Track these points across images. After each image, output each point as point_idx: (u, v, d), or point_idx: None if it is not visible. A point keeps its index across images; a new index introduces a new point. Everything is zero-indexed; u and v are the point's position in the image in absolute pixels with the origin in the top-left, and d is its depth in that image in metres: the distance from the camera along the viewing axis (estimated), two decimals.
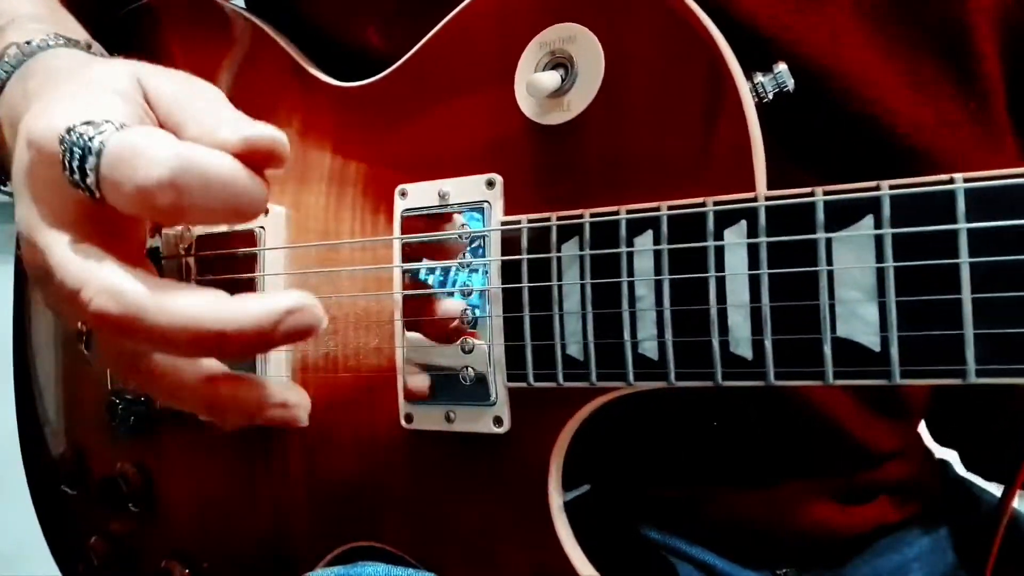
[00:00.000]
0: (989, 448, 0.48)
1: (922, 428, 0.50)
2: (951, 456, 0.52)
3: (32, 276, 0.31)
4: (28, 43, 0.36)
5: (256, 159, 0.26)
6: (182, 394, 0.30)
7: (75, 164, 0.26)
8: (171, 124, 0.29)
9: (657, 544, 0.41)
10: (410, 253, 0.36)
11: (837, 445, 0.41)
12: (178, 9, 0.47)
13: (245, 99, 0.44)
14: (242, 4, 0.47)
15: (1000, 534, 0.38)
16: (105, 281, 0.26)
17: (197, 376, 0.30)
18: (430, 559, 0.36)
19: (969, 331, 0.24)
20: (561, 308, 0.32)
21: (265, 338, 0.26)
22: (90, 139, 0.25)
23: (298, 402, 0.31)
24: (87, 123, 0.26)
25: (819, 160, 0.35)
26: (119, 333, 0.26)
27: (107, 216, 0.27)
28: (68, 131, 0.26)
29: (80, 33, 0.41)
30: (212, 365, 0.30)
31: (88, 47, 0.38)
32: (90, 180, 0.25)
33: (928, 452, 0.50)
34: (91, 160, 0.25)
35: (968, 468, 0.50)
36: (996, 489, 0.48)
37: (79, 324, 0.31)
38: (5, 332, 0.53)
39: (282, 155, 0.27)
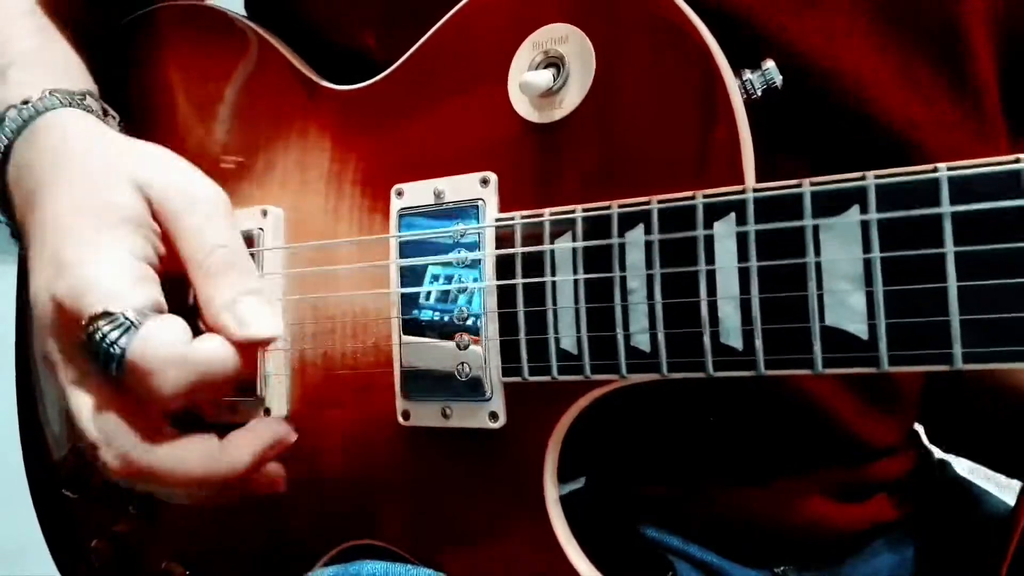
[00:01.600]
0: (990, 440, 0.48)
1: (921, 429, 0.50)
2: (951, 456, 0.52)
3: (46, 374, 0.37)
4: (25, 103, 0.38)
5: (252, 348, 0.32)
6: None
7: (100, 360, 0.30)
8: (177, 253, 0.33)
9: (654, 541, 0.41)
10: (406, 251, 0.36)
11: (833, 440, 0.41)
12: (178, 17, 0.48)
13: (245, 104, 0.45)
14: (240, 9, 0.48)
15: (1018, 534, 0.38)
16: (116, 448, 0.32)
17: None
18: (428, 555, 0.37)
19: (955, 318, 0.25)
20: (555, 302, 0.32)
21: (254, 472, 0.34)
22: (111, 344, 0.30)
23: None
24: (106, 315, 0.30)
25: (812, 158, 0.35)
26: (123, 481, 0.33)
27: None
28: (90, 322, 0.30)
29: (75, 77, 0.42)
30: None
31: (84, 98, 0.40)
32: (115, 375, 0.31)
33: (927, 451, 0.50)
34: (113, 365, 0.30)
35: (972, 458, 0.50)
36: (997, 490, 0.48)
37: None
38: (7, 334, 0.53)
39: (272, 342, 0.32)
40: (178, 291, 0.34)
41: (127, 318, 0.30)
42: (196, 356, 0.30)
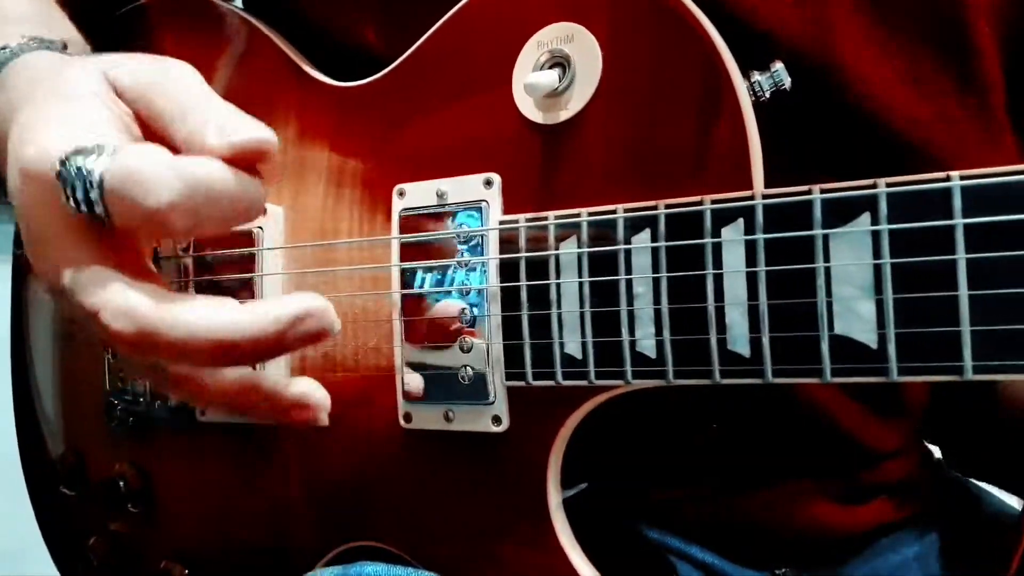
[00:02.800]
0: (987, 450, 0.48)
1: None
2: None
3: (51, 294, 0.31)
4: (4, 48, 0.37)
5: (246, 162, 0.26)
6: (209, 399, 0.31)
7: (79, 196, 0.26)
8: (152, 120, 0.29)
9: (656, 543, 0.41)
10: (408, 252, 0.36)
11: (836, 444, 0.41)
12: (175, 9, 0.47)
13: (243, 98, 0.44)
14: (240, 3, 0.48)
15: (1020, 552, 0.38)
16: (119, 304, 0.27)
17: (218, 384, 0.30)
18: (429, 558, 0.36)
19: (966, 328, 0.25)
20: (559, 307, 0.32)
21: (279, 344, 0.26)
22: (88, 171, 0.26)
23: (319, 403, 0.31)
24: (77, 151, 0.26)
25: (817, 158, 0.35)
26: (136, 351, 0.27)
27: (110, 234, 0.28)
28: (63, 163, 0.26)
29: (60, 31, 0.40)
30: (232, 372, 0.30)
31: (64, 47, 0.38)
32: (98, 209, 0.26)
33: (928, 452, 0.50)
34: (94, 192, 0.26)
35: (963, 472, 0.50)
36: (997, 490, 0.48)
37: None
38: (3, 333, 0.53)
39: (271, 152, 0.27)
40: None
41: (103, 146, 0.26)
42: (187, 162, 0.26)
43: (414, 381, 0.36)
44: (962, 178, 0.25)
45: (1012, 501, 0.47)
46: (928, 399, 0.45)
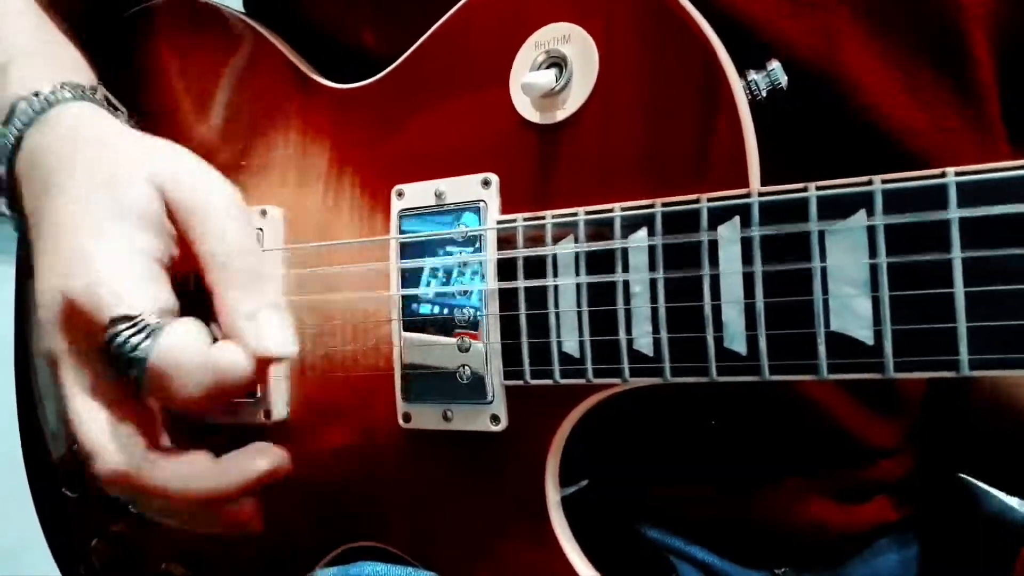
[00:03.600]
0: (988, 455, 0.48)
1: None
2: None
3: (43, 358, 0.37)
4: (36, 95, 0.37)
5: (267, 364, 0.32)
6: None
7: (122, 365, 0.30)
8: (193, 251, 0.33)
9: (656, 543, 0.41)
10: (407, 252, 0.36)
11: (834, 442, 0.41)
12: (177, 13, 0.48)
13: (245, 102, 0.44)
14: (240, 7, 0.48)
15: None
16: (113, 463, 0.32)
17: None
18: (429, 558, 0.37)
19: (962, 324, 0.24)
20: (557, 306, 0.32)
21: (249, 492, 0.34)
22: (134, 348, 0.30)
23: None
24: (126, 319, 0.30)
25: (815, 162, 0.35)
26: (122, 494, 0.33)
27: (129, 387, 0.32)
28: (111, 324, 0.30)
29: (79, 72, 0.42)
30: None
31: (94, 92, 0.39)
32: (134, 378, 0.31)
33: (927, 452, 0.49)
34: (135, 370, 0.30)
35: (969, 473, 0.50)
36: (997, 490, 0.48)
37: None
38: (6, 334, 0.53)
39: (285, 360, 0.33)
40: (186, 293, 0.34)
41: (148, 324, 0.30)
42: (217, 362, 0.30)
43: (413, 381, 0.36)
44: (958, 174, 0.25)
45: (1012, 501, 0.47)
46: (925, 397, 0.45)
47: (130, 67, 0.48)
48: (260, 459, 0.34)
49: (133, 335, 0.30)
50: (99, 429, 0.32)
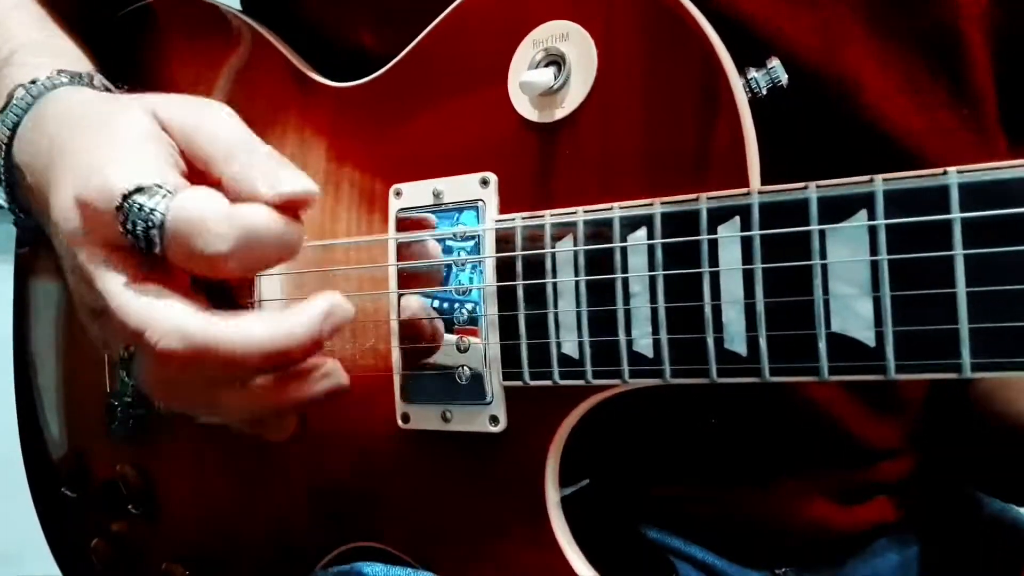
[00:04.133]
0: (986, 461, 0.47)
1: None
2: None
3: (85, 314, 0.34)
4: (34, 82, 0.37)
5: (292, 209, 0.29)
6: (246, 410, 0.33)
7: (139, 233, 0.28)
8: (197, 159, 0.31)
9: (656, 543, 0.41)
10: (405, 252, 0.36)
11: (835, 443, 0.40)
12: (175, 11, 0.47)
13: (242, 100, 0.44)
14: (237, 6, 0.48)
15: None
16: (170, 323, 0.29)
17: (263, 392, 0.32)
18: (429, 559, 0.36)
19: (964, 325, 0.24)
20: (556, 306, 0.32)
21: (318, 343, 0.30)
22: (150, 211, 0.28)
23: (333, 368, 0.33)
24: (140, 189, 0.28)
25: (814, 160, 0.35)
26: (186, 368, 0.30)
27: (158, 261, 0.29)
28: (124, 199, 0.28)
29: (81, 62, 0.41)
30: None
31: (91, 79, 0.39)
32: (156, 249, 0.28)
33: (927, 453, 0.49)
34: (155, 232, 0.28)
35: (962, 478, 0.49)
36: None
37: (120, 351, 0.34)
38: (5, 334, 0.53)
39: (313, 201, 0.29)
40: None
41: (161, 187, 0.28)
42: (241, 212, 0.28)
43: (411, 381, 0.36)
44: (959, 173, 0.24)
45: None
46: (926, 398, 0.45)
47: (126, 65, 0.48)
48: (322, 303, 0.30)
49: (148, 200, 0.28)
50: (153, 300, 0.29)
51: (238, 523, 0.43)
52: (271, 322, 0.29)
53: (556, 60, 0.33)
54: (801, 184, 0.27)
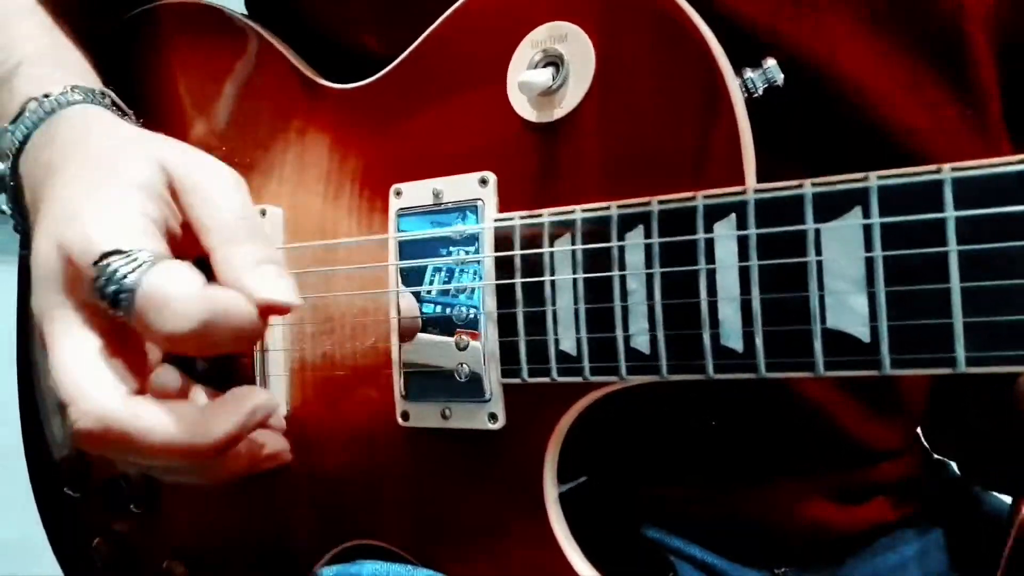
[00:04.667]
0: (988, 456, 0.47)
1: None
2: None
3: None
4: (47, 96, 0.37)
5: (268, 313, 0.29)
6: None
7: (108, 294, 0.28)
8: (193, 225, 0.32)
9: (655, 542, 0.41)
10: (405, 251, 0.36)
11: (834, 443, 0.40)
12: (179, 16, 0.48)
13: (243, 102, 0.44)
14: (241, 8, 0.48)
15: (1010, 546, 0.37)
16: (91, 403, 0.29)
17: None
18: (428, 556, 0.37)
19: (959, 320, 0.24)
20: (554, 304, 0.32)
21: (239, 439, 0.30)
22: (123, 277, 0.28)
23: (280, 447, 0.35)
24: (119, 252, 0.28)
25: (813, 161, 0.35)
26: (97, 449, 0.30)
27: (120, 324, 0.29)
28: (103, 257, 0.28)
29: (89, 76, 0.42)
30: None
31: (103, 96, 0.39)
32: (122, 311, 0.28)
33: (927, 452, 0.49)
34: (124, 297, 0.28)
35: (966, 476, 0.49)
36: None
37: None
38: (8, 334, 0.53)
39: (290, 311, 0.30)
40: None
41: (141, 257, 0.28)
42: (213, 295, 0.28)
43: (411, 379, 0.36)
44: (953, 170, 0.25)
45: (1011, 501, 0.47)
46: (926, 399, 0.45)
47: (131, 69, 0.48)
48: (249, 399, 0.30)
49: (124, 265, 0.28)
50: (81, 372, 0.29)
51: (238, 521, 0.43)
52: (192, 421, 0.29)
53: (554, 61, 0.33)
54: (796, 182, 0.27)
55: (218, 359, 0.40)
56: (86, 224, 0.30)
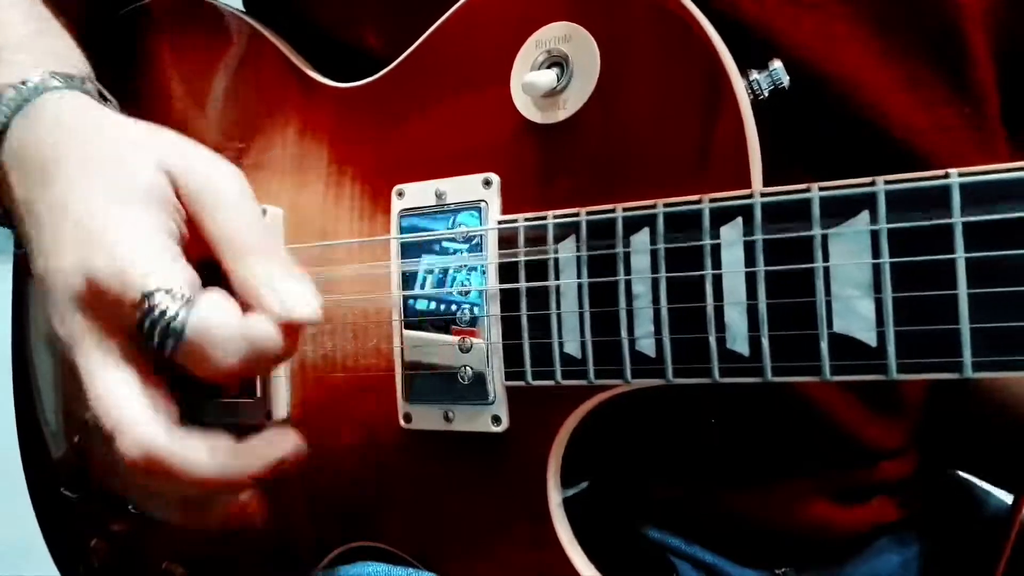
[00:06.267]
0: (988, 452, 0.48)
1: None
2: None
3: (56, 343, 0.34)
4: (24, 83, 0.37)
5: (296, 329, 0.31)
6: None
7: (156, 335, 0.30)
8: (203, 233, 0.32)
9: (656, 542, 0.41)
10: (407, 253, 0.36)
11: (835, 443, 0.41)
12: (176, 11, 0.47)
13: (242, 100, 0.44)
14: (240, 6, 0.48)
15: (1011, 542, 0.38)
16: (145, 434, 0.30)
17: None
18: (430, 558, 0.36)
19: (965, 325, 0.24)
20: (558, 306, 0.32)
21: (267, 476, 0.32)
22: (170, 320, 0.29)
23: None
24: (162, 291, 0.30)
25: (816, 160, 0.35)
26: (141, 480, 0.31)
27: (150, 350, 0.30)
28: (143, 300, 0.29)
29: (71, 63, 0.41)
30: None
31: (83, 82, 0.39)
32: (167, 351, 0.30)
33: (928, 452, 0.49)
34: (170, 341, 0.30)
35: (967, 471, 0.50)
36: (997, 490, 0.48)
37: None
38: (4, 333, 0.53)
39: (315, 323, 0.31)
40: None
41: (183, 292, 0.30)
42: (252, 331, 0.30)
43: (414, 381, 0.36)
44: (961, 175, 0.25)
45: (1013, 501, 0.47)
46: (926, 399, 0.45)
47: (126, 65, 0.48)
48: (283, 442, 0.32)
49: (170, 304, 0.29)
50: (130, 402, 0.31)
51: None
52: (232, 454, 0.31)
53: (559, 61, 0.33)
54: (803, 185, 0.27)
55: None
56: (117, 256, 0.30)
